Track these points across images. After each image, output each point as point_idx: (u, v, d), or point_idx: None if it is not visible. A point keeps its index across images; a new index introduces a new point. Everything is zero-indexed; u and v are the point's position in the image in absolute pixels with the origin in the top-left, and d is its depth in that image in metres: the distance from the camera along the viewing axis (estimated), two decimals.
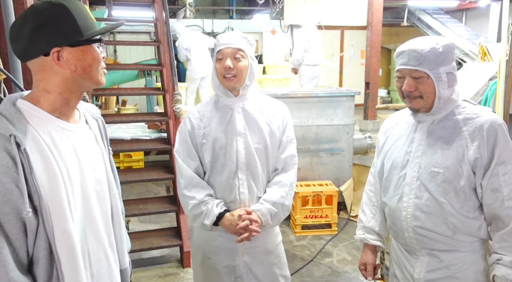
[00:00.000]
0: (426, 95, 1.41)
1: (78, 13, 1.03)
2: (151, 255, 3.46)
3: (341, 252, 3.61)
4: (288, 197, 1.74)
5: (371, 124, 6.32)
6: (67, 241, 1.00)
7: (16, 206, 0.92)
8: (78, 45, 1.03)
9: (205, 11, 9.86)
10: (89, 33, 1.04)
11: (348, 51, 10.09)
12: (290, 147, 1.79)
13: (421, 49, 1.37)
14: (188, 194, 1.71)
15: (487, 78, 4.70)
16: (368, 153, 4.63)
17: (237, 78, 1.68)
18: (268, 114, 1.78)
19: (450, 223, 1.42)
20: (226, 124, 1.72)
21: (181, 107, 3.25)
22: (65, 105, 1.06)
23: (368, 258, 1.71)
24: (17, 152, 0.92)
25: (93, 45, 1.06)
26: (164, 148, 3.55)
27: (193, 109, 1.82)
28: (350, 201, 4.34)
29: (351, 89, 4.38)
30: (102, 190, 1.15)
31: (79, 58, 1.03)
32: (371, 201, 1.74)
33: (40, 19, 0.99)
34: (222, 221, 1.68)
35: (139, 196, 4.74)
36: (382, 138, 1.69)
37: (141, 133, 5.40)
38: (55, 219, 0.97)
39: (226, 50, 1.68)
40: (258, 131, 1.73)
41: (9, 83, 1.89)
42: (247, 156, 1.70)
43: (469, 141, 1.39)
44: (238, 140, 1.70)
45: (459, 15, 9.64)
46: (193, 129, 1.74)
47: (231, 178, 1.71)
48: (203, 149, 1.73)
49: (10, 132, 0.92)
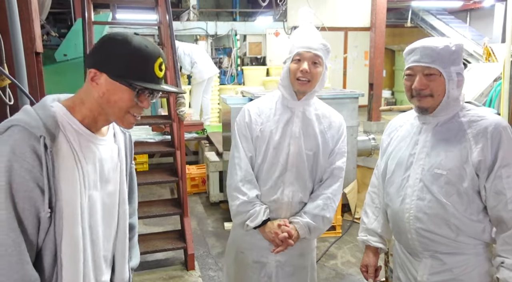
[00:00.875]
0: (437, 93, 1.40)
1: (139, 56, 1.04)
2: (156, 257, 3.47)
3: (345, 254, 3.60)
4: (329, 209, 1.75)
5: (375, 125, 6.30)
6: (72, 246, 1.03)
7: (35, 204, 0.96)
8: (115, 79, 1.04)
9: (208, 13, 9.89)
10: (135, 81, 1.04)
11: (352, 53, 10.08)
12: (340, 160, 1.80)
13: (435, 46, 1.37)
14: (242, 188, 1.72)
15: (492, 79, 4.68)
16: (372, 155, 4.61)
17: (311, 83, 1.69)
18: (325, 123, 1.79)
19: (453, 224, 1.42)
20: (283, 126, 1.74)
21: (185, 110, 3.26)
22: (92, 122, 1.10)
23: (369, 260, 1.71)
24: (44, 152, 0.95)
25: (131, 89, 1.05)
26: (168, 151, 3.56)
27: (253, 103, 1.83)
28: (354, 203, 4.33)
29: (355, 91, 4.38)
30: (111, 203, 1.17)
31: (109, 90, 1.05)
32: (374, 202, 1.74)
33: (105, 43, 1.05)
34: (263, 227, 1.72)
35: (143, 198, 4.76)
36: (386, 140, 1.69)
37: (145, 136, 5.43)
38: (66, 224, 1.01)
39: (306, 54, 1.67)
40: (313, 138, 1.75)
41: (14, 88, 1.91)
42: (297, 160, 1.73)
43: (473, 143, 1.38)
44: (292, 143, 1.72)
45: (463, 15, 9.60)
46: (251, 123, 1.76)
47: (278, 179, 1.74)
48: (257, 145, 1.75)
49: (41, 133, 0.96)
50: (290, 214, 1.77)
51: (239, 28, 8.15)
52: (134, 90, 1.05)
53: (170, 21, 3.57)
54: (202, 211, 4.67)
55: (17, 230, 0.93)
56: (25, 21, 2.05)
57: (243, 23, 8.50)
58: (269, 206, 1.75)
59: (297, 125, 1.74)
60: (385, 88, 9.91)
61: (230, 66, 8.13)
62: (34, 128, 0.96)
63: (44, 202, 0.96)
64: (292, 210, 1.77)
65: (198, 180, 5.19)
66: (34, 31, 2.11)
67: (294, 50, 1.70)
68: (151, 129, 5.66)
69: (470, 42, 8.01)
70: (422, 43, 1.42)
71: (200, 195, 5.16)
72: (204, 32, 7.99)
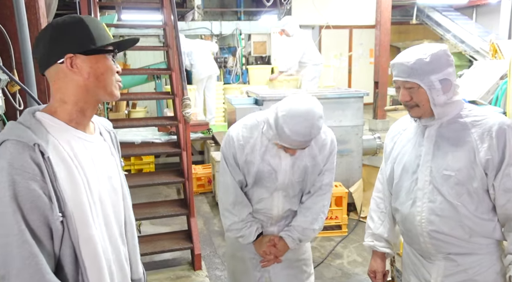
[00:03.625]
0: (421, 103, 1.44)
1: (93, 25, 1.07)
2: (163, 257, 3.50)
3: (351, 253, 3.61)
4: (319, 221, 1.82)
5: (381, 123, 6.31)
6: (91, 247, 1.03)
7: (44, 212, 0.96)
8: (92, 53, 1.06)
9: (213, 13, 9.90)
10: (103, 43, 1.08)
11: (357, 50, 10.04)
12: (329, 176, 1.83)
13: (407, 62, 1.41)
14: (233, 211, 1.80)
15: (498, 76, 4.65)
16: (378, 154, 4.61)
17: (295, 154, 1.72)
18: (317, 146, 1.74)
19: (466, 225, 1.42)
20: (270, 159, 1.72)
21: (190, 111, 3.28)
22: (81, 116, 1.09)
23: (377, 266, 1.71)
24: (42, 160, 0.95)
25: (107, 55, 1.09)
26: (175, 152, 3.58)
27: (237, 129, 1.76)
28: (360, 202, 4.33)
29: (360, 90, 4.37)
30: (117, 199, 1.18)
31: (92, 66, 1.06)
32: (379, 207, 1.74)
33: (57, 30, 1.05)
34: (254, 242, 1.84)
35: (150, 198, 4.79)
36: (389, 144, 1.69)
37: (151, 136, 5.47)
38: (79, 226, 1.00)
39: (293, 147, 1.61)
40: (302, 167, 1.76)
41: (24, 94, 1.94)
42: (287, 184, 1.78)
43: (479, 142, 1.39)
44: (279, 175, 1.75)
45: (469, 11, 9.52)
46: (235, 153, 1.74)
47: (267, 198, 1.81)
48: (245, 171, 1.77)
49: (34, 142, 0.96)
50: (281, 223, 1.88)
51: (244, 28, 8.16)
52: (109, 53, 1.08)
53: (175, 22, 3.58)
54: (209, 210, 4.70)
55: (31, 241, 0.93)
56: (33, 26, 2.08)
57: (248, 22, 8.50)
58: (260, 217, 1.85)
59: (286, 161, 1.73)
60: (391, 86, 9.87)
61: (235, 65, 8.14)
62: (26, 138, 0.96)
63: (53, 208, 0.96)
64: (282, 220, 1.88)
65: (204, 180, 5.22)
66: None
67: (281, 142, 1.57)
68: (157, 129, 5.70)
69: (476, 38, 7.96)
70: (398, 59, 1.45)
71: (206, 194, 5.19)
72: (209, 32, 8.01)
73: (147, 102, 8.46)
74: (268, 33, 8.03)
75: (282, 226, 1.88)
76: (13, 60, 1.93)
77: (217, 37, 8.18)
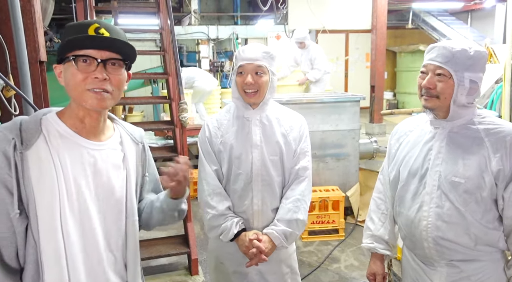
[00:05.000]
0: (443, 96, 1.38)
1: (70, 31, 1.06)
2: (159, 262, 3.48)
3: (348, 257, 3.60)
4: (301, 211, 1.73)
5: (377, 127, 6.31)
6: (54, 251, 1.01)
7: (5, 205, 0.98)
8: (62, 62, 1.07)
9: (209, 17, 9.93)
10: (70, 52, 1.05)
11: (353, 55, 10.08)
12: (303, 159, 1.78)
13: (452, 48, 1.35)
14: (211, 202, 1.73)
15: (493, 80, 4.67)
16: (375, 157, 4.62)
17: (258, 94, 1.70)
18: (285, 125, 1.79)
19: (472, 233, 1.39)
20: (243, 136, 1.74)
21: (187, 116, 3.28)
22: (79, 123, 1.09)
23: (377, 268, 1.67)
24: (13, 154, 0.98)
25: (73, 61, 1.04)
26: (171, 156, 3.58)
27: (212, 117, 1.85)
28: (357, 206, 4.33)
29: (356, 95, 4.39)
30: (118, 211, 1.15)
31: (64, 75, 1.08)
32: (380, 208, 1.70)
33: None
34: (237, 239, 1.72)
35: None
36: (394, 145, 1.64)
37: (148, 140, 5.43)
38: (42, 227, 1.00)
39: (248, 66, 1.68)
40: (275, 143, 1.74)
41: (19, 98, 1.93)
42: (261, 168, 1.72)
43: (491, 151, 1.36)
44: (254, 152, 1.72)
45: (465, 16, 9.59)
46: (211, 137, 1.77)
47: (245, 188, 1.73)
48: (220, 157, 1.76)
49: (13, 136, 0.99)
50: (264, 223, 1.76)
51: (241, 32, 8.19)
52: (70, 60, 1.04)
53: (172, 26, 3.59)
54: None
55: None
56: (29, 31, 2.08)
57: (244, 26, 8.53)
58: (241, 217, 1.75)
59: (256, 134, 1.73)
60: (387, 90, 9.90)
61: (231, 69, 8.15)
62: (9, 131, 1.00)
63: (13, 203, 0.97)
64: (265, 219, 1.76)
65: None
66: (38, 41, 2.14)
67: (237, 63, 1.71)
68: (153, 134, 5.69)
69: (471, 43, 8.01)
70: (443, 43, 1.40)
71: None
72: (206, 36, 8.02)
73: (144, 107, 8.44)
74: (264, 38, 8.06)
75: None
76: (9, 65, 1.92)
77: (214, 41, 8.20)
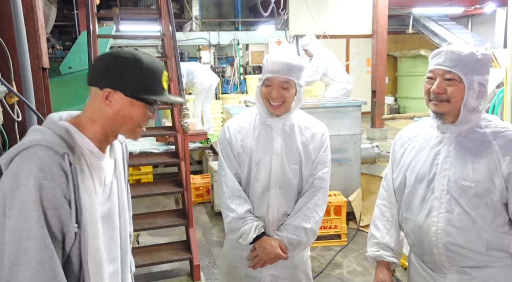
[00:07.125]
0: (454, 100, 1.36)
1: (150, 72, 1.08)
2: (161, 268, 3.47)
3: (351, 263, 3.58)
4: (310, 220, 1.71)
5: (379, 132, 6.31)
6: (96, 258, 1.06)
7: (62, 219, 0.99)
8: (133, 97, 1.08)
9: (211, 23, 9.98)
10: (148, 96, 1.08)
11: (354, 60, 10.11)
12: (322, 170, 1.76)
13: (460, 52, 1.35)
14: (230, 205, 1.72)
15: (494, 85, 4.66)
16: (376, 162, 4.61)
17: (284, 105, 1.68)
18: (307, 135, 1.77)
19: (484, 238, 1.36)
20: (264, 142, 1.73)
21: (189, 121, 3.28)
22: (104, 140, 1.12)
23: (385, 277, 1.61)
24: (70, 169, 0.99)
25: (146, 105, 1.10)
26: (173, 162, 3.58)
27: (233, 119, 1.83)
28: (359, 211, 4.32)
29: (358, 100, 4.39)
30: (113, 214, 1.20)
31: (125, 107, 1.08)
32: (384, 215, 1.65)
33: (116, 62, 1.07)
34: (259, 242, 1.70)
35: (148, 209, 4.77)
36: (399, 151, 1.61)
37: (149, 146, 5.46)
38: (90, 238, 1.04)
39: (275, 80, 1.64)
40: (295, 151, 1.73)
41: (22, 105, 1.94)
42: (281, 176, 1.72)
43: (500, 154, 1.35)
44: (274, 159, 1.71)
45: (465, 21, 9.62)
46: (231, 139, 1.76)
47: (261, 194, 1.73)
48: (239, 161, 1.75)
49: (64, 151, 1.00)
50: (277, 229, 1.76)
51: (241, 38, 8.22)
52: (149, 105, 1.09)
53: (174, 33, 3.60)
54: (207, 220, 4.67)
55: (51, 246, 0.96)
56: (32, 38, 2.09)
57: (245, 32, 8.57)
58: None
59: (278, 142, 1.72)
60: (388, 94, 9.90)
61: (233, 75, 8.19)
62: (57, 146, 0.99)
63: (72, 217, 0.99)
64: (278, 224, 1.76)
65: (203, 190, 5.20)
66: (40, 48, 2.15)
67: (264, 74, 1.68)
68: (155, 139, 5.69)
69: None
70: (449, 47, 1.39)
71: (205, 204, 5.16)
72: (207, 42, 8.06)
73: None
74: (265, 43, 8.08)
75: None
76: (12, 72, 1.93)
77: (215, 47, 8.23)
